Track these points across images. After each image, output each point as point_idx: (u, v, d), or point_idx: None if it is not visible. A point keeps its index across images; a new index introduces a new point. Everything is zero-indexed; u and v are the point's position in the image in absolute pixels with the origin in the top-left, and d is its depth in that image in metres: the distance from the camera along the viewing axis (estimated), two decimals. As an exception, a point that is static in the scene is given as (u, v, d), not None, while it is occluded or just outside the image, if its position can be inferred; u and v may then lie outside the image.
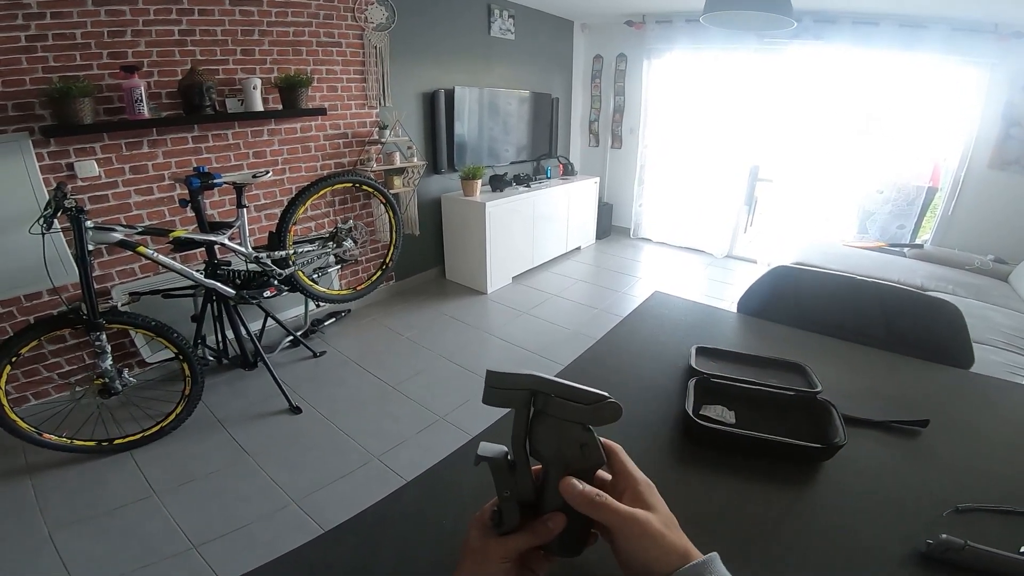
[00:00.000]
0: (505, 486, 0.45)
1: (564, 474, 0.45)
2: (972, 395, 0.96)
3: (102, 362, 1.99)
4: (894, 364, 1.02)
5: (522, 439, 0.45)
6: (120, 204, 2.45)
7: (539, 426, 0.44)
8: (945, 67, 3.82)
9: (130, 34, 2.32)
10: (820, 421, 0.78)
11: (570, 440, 0.44)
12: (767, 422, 0.79)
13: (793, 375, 0.92)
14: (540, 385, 0.44)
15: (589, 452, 0.44)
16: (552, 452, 0.45)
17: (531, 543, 0.45)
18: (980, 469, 0.73)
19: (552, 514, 0.45)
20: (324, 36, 3.09)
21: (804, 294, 1.26)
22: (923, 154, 4.21)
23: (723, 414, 0.81)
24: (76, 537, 1.78)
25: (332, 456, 2.22)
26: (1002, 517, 0.63)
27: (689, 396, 0.81)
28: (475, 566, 0.45)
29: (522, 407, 0.44)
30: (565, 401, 0.43)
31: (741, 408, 0.82)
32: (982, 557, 0.55)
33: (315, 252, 2.63)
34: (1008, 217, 3.82)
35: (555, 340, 3.29)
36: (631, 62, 5.15)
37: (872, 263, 3.60)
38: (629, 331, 1.15)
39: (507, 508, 0.45)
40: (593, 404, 0.43)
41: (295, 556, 0.58)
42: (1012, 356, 2.43)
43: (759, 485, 0.69)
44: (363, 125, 3.42)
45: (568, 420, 0.43)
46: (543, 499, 0.46)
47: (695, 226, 5.29)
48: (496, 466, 0.45)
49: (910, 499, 0.67)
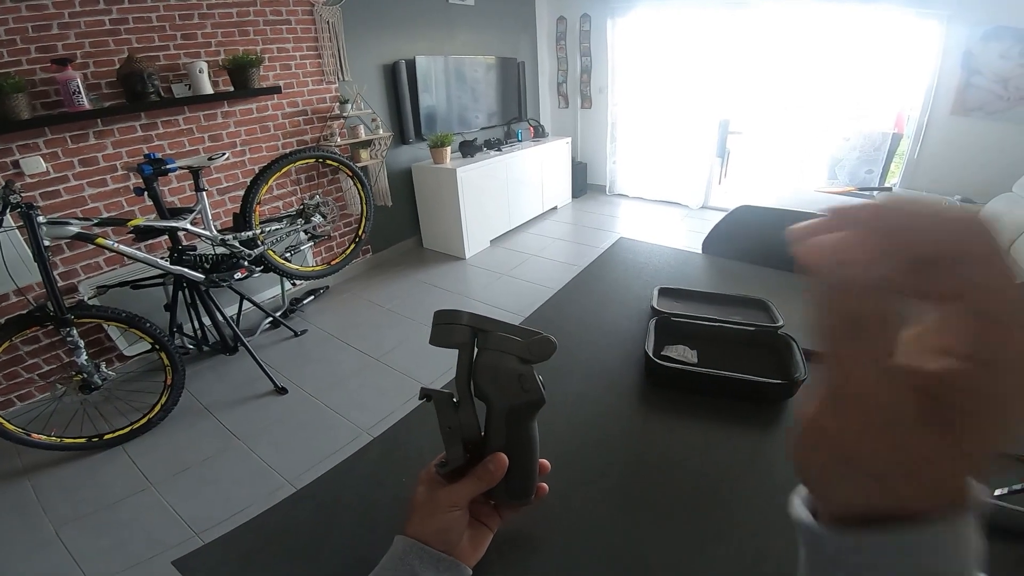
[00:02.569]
0: (448, 422, 0.46)
1: (506, 410, 0.46)
2: None
3: (77, 358, 1.97)
4: None
5: (465, 378, 0.46)
6: (74, 198, 2.39)
7: (481, 362, 0.46)
8: (904, 19, 3.87)
9: (57, 27, 2.23)
10: (783, 357, 0.77)
11: (509, 373, 0.46)
12: (730, 360, 0.77)
13: (756, 311, 0.91)
14: (482, 323, 0.46)
15: (527, 383, 0.46)
16: (493, 386, 0.46)
17: (477, 488, 0.46)
18: None
19: (493, 456, 0.47)
20: (271, 15, 2.98)
21: (766, 232, 1.27)
22: (887, 102, 4.29)
23: (685, 354, 0.80)
24: (82, 532, 1.81)
25: (322, 434, 2.24)
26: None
27: (650, 337, 0.79)
28: (424, 518, 0.45)
29: (465, 347, 0.46)
30: (504, 336, 0.45)
31: (704, 347, 0.81)
32: None
33: (284, 230, 2.59)
34: (973, 159, 3.92)
35: (536, 299, 3.26)
36: (595, 22, 5.06)
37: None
38: (594, 278, 1.16)
39: (450, 443, 0.46)
40: (529, 338, 0.45)
41: (257, 522, 0.58)
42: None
43: (723, 426, 0.68)
44: (323, 101, 3.33)
45: (507, 353, 0.45)
46: (487, 439, 0.47)
47: (670, 180, 5.30)
48: (440, 400, 0.46)
49: None
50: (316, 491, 0.62)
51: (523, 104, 4.99)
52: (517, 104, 4.91)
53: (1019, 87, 3.61)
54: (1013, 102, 3.66)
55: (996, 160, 3.80)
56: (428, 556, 0.43)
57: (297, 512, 0.60)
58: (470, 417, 0.47)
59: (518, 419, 0.47)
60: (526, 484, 0.49)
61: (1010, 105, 3.68)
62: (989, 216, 0.19)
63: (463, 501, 0.45)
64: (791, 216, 1.18)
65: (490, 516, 0.50)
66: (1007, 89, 3.65)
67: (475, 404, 0.47)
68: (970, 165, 3.93)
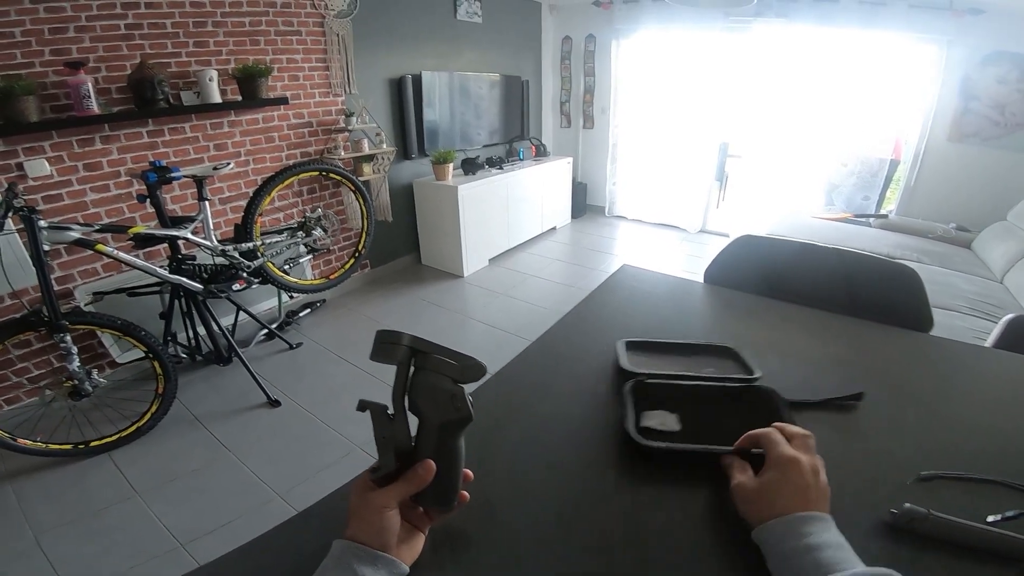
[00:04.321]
0: (383, 431, 0.51)
1: (437, 425, 0.52)
2: (931, 358, 0.95)
3: (69, 364, 1.95)
4: (855, 329, 1.02)
5: (401, 393, 0.51)
6: (76, 203, 2.38)
7: (417, 380, 0.51)
8: (904, 44, 3.91)
9: (73, 30, 2.24)
10: (766, 412, 0.72)
11: (443, 392, 0.51)
12: (712, 422, 0.73)
13: (726, 360, 0.87)
14: (421, 345, 0.51)
15: (458, 403, 0.51)
16: (427, 403, 0.51)
17: (407, 490, 0.50)
18: (941, 434, 0.73)
19: (422, 462, 0.51)
20: (283, 25, 3.01)
21: (768, 262, 1.28)
22: (885, 128, 4.31)
23: (665, 421, 0.72)
24: (63, 540, 1.77)
25: (314, 447, 2.21)
26: (964, 484, 0.63)
27: (627, 407, 0.72)
28: (359, 521, 0.49)
29: (403, 364, 0.50)
30: (440, 359, 0.51)
31: (683, 409, 0.74)
32: (945, 526, 0.54)
33: (284, 242, 2.59)
34: (968, 186, 3.94)
35: (533, 320, 3.31)
36: (600, 43, 5.13)
37: (839, 234, 3.68)
38: (599, 305, 1.16)
39: (384, 451, 0.51)
40: (463, 362, 0.50)
41: (263, 541, 0.58)
42: (976, 320, 2.50)
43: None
44: (328, 113, 3.35)
45: (443, 374, 0.51)
46: (417, 449, 0.52)
47: (668, 202, 5.34)
48: (376, 412, 0.51)
49: (870, 469, 0.65)
50: (323, 509, 0.62)
51: (526, 122, 5.04)
52: (520, 122, 4.96)
53: (1015, 113, 3.63)
54: (1009, 128, 3.68)
55: (991, 187, 3.83)
56: (365, 554, 0.47)
57: (306, 530, 0.60)
58: (403, 428, 0.51)
59: (448, 433, 0.52)
60: (450, 492, 0.54)
61: (1006, 131, 3.70)
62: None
63: (394, 502, 0.49)
64: (792, 248, 1.19)
65: (421, 519, 0.54)
66: (1003, 115, 3.68)
67: (408, 417, 0.52)
68: (965, 192, 3.96)
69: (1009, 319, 1.53)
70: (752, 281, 1.23)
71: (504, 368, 0.91)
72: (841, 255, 1.24)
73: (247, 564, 0.56)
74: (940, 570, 0.51)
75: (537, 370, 0.91)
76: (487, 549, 0.56)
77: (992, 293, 2.87)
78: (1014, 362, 0.96)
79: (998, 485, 0.62)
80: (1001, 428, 0.74)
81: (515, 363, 0.93)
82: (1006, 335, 1.49)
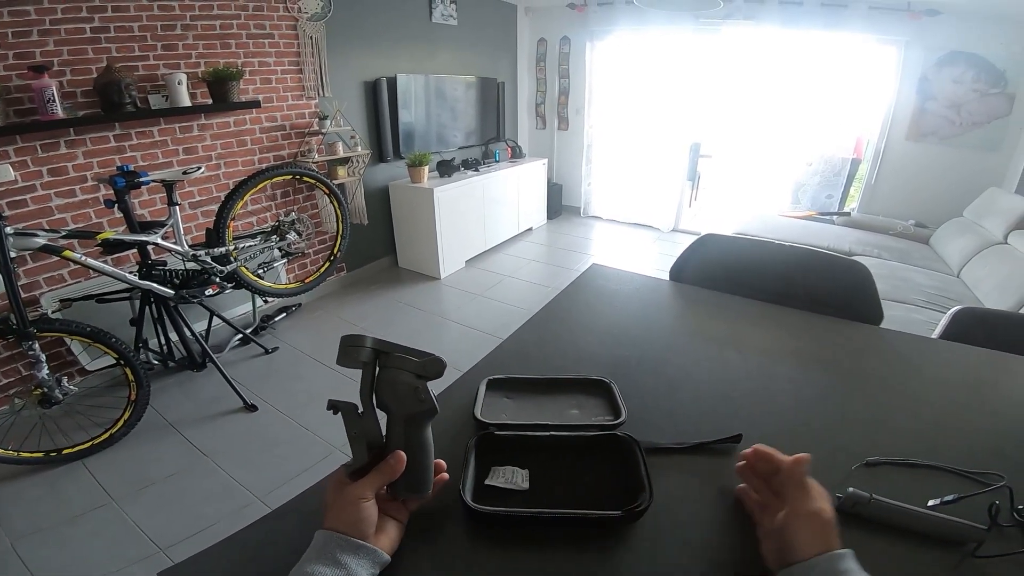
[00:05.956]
0: (354, 429, 0.54)
1: (404, 419, 0.55)
2: (880, 349, 1.00)
3: (38, 372, 1.91)
4: (809, 322, 1.08)
5: (368, 391, 0.54)
6: (41, 208, 2.33)
7: (383, 378, 0.54)
8: (864, 45, 4.04)
9: (36, 33, 2.20)
10: (624, 467, 0.64)
11: (406, 387, 0.54)
12: (568, 476, 0.65)
13: (598, 398, 0.79)
14: (383, 346, 0.54)
15: (422, 395, 0.54)
16: (393, 398, 0.54)
17: (381, 480, 0.53)
18: (889, 421, 0.76)
19: (392, 453, 0.54)
20: (255, 28, 2.98)
21: (730, 260, 1.34)
22: (847, 128, 4.46)
23: (514, 478, 0.64)
24: (40, 546, 1.76)
25: (293, 451, 2.21)
26: (909, 470, 0.66)
27: (469, 465, 0.63)
28: (337, 512, 0.51)
29: (368, 365, 0.54)
30: (402, 356, 0.54)
31: (537, 462, 0.66)
32: (887, 510, 0.57)
33: (257, 247, 2.57)
34: (926, 184, 4.10)
35: (509, 320, 3.34)
36: (574, 45, 5.20)
37: (805, 231, 3.80)
38: (567, 304, 1.20)
39: (356, 446, 0.54)
40: (423, 359, 0.54)
41: (240, 536, 0.59)
42: (932, 313, 2.61)
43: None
44: (302, 116, 3.33)
45: (405, 370, 0.54)
46: (388, 442, 0.55)
47: (642, 202, 5.45)
48: (346, 411, 0.54)
49: (820, 457, 0.60)
50: (300, 505, 0.63)
51: (501, 124, 5.07)
52: (496, 124, 4.99)
53: (971, 112, 3.77)
54: (965, 127, 3.83)
55: (948, 185, 3.98)
56: (347, 544, 0.48)
57: (283, 526, 0.61)
58: (373, 424, 0.54)
59: (416, 425, 0.55)
60: (423, 478, 0.56)
61: (962, 131, 3.84)
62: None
63: (370, 493, 0.51)
64: (752, 246, 1.25)
65: (399, 510, 0.56)
66: (959, 115, 3.82)
67: (377, 414, 0.55)
68: (923, 190, 4.10)
69: (955, 311, 1.62)
70: (714, 278, 1.29)
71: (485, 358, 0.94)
72: (795, 252, 1.31)
73: (225, 560, 0.57)
74: (883, 553, 0.54)
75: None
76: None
77: (949, 287, 3.00)
78: (957, 352, 1.02)
79: (940, 470, 0.66)
80: (944, 415, 0.79)
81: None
82: (952, 326, 1.57)
